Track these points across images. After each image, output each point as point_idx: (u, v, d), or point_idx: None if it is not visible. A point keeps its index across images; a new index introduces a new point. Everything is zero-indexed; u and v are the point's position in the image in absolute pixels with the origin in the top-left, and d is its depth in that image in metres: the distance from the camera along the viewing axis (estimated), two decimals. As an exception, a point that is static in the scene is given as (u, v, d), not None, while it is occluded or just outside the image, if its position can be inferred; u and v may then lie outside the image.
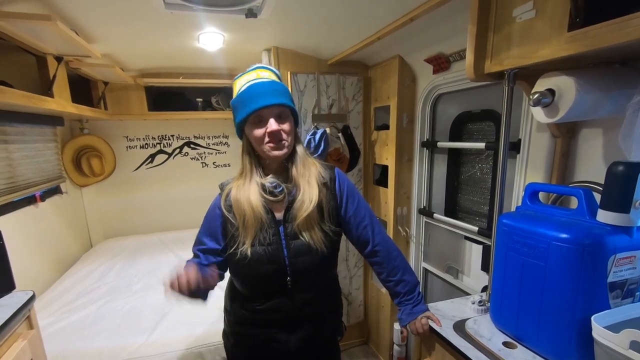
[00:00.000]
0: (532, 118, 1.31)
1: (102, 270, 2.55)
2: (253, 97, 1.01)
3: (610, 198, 0.85)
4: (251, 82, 1.05)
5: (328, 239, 1.12)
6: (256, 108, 1.00)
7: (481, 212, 1.83)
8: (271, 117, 1.02)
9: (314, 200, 1.07)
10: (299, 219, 1.07)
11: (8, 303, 1.12)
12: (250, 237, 1.07)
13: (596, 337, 0.80)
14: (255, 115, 1.02)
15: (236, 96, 1.07)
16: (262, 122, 1.03)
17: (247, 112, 1.01)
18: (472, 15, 1.08)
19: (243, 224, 1.07)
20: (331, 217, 1.14)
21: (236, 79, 1.10)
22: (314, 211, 1.08)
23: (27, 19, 1.36)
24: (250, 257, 1.06)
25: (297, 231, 1.08)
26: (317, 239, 1.08)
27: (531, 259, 0.95)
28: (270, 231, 1.08)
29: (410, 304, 1.20)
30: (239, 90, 1.06)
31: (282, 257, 1.08)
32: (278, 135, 1.03)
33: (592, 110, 0.96)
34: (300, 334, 1.16)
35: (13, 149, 2.11)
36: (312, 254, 1.08)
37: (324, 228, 1.11)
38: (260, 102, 1.00)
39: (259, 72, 1.08)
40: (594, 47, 0.78)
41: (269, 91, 1.02)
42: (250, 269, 1.08)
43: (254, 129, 1.04)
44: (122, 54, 2.32)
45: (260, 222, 1.07)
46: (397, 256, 1.23)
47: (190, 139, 3.56)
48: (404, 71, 2.02)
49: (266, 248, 1.07)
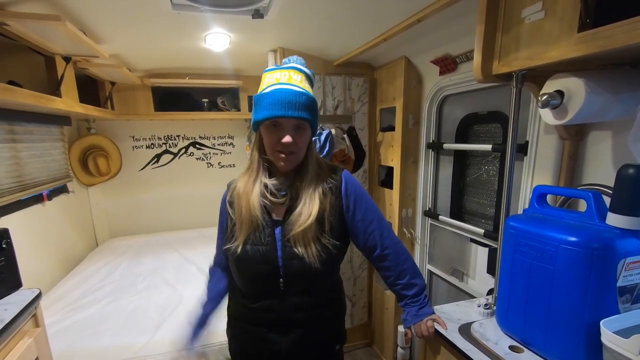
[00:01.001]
0: (540, 120, 1.30)
1: (107, 269, 2.56)
2: (277, 103, 0.98)
3: (621, 201, 0.84)
4: (280, 85, 1.00)
5: (327, 252, 1.07)
6: (275, 115, 0.98)
7: (487, 214, 1.82)
8: (289, 127, 1.01)
9: (312, 215, 1.04)
10: (295, 231, 1.04)
11: (15, 301, 1.13)
12: (243, 235, 1.07)
13: (605, 343, 0.79)
14: (273, 121, 1.00)
15: (261, 93, 1.03)
16: (277, 128, 1.01)
17: (265, 116, 0.99)
18: (480, 15, 1.07)
19: (239, 220, 1.08)
20: (333, 229, 1.09)
21: (267, 70, 1.06)
22: (311, 226, 1.04)
23: (36, 19, 1.37)
24: (238, 254, 1.06)
25: (292, 243, 1.05)
26: (312, 254, 1.05)
27: (539, 262, 0.94)
28: (266, 231, 1.07)
29: (416, 306, 1.19)
30: (266, 87, 1.03)
31: (275, 258, 1.06)
32: (290, 147, 1.02)
33: (602, 112, 0.95)
34: (292, 337, 1.13)
35: (21, 148, 2.13)
36: (303, 262, 1.05)
37: (323, 241, 1.07)
38: (282, 111, 0.98)
39: (292, 74, 1.03)
40: (605, 48, 0.77)
41: (294, 103, 0.98)
42: (242, 266, 1.10)
43: (269, 132, 1.02)
44: (129, 55, 2.34)
45: (254, 222, 1.06)
46: (406, 259, 1.19)
47: (195, 139, 3.57)
48: (410, 72, 2.01)
49: (260, 248, 1.06)
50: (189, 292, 2.15)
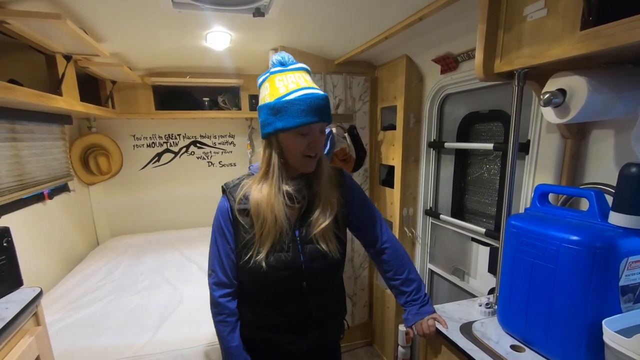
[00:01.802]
0: (542, 119, 1.30)
1: (108, 268, 2.56)
2: (310, 110, 0.96)
3: (623, 200, 0.84)
4: (306, 91, 0.97)
5: (342, 244, 1.13)
6: (309, 122, 0.96)
7: (488, 213, 1.81)
8: (317, 130, 1.01)
9: (332, 212, 1.08)
10: (317, 230, 1.06)
11: (16, 299, 1.12)
12: (267, 246, 1.03)
13: (607, 342, 0.79)
14: (306, 127, 0.98)
15: (283, 99, 0.97)
16: (308, 133, 1.00)
17: (299, 123, 0.96)
18: (482, 13, 1.07)
19: (261, 232, 1.03)
20: (342, 223, 1.15)
21: (274, 73, 1.01)
22: (330, 223, 1.08)
23: (37, 17, 1.37)
24: (264, 268, 1.03)
25: (315, 241, 1.07)
26: (333, 248, 1.09)
27: (541, 262, 0.94)
28: (288, 237, 1.06)
29: (417, 305, 1.19)
30: (289, 92, 0.97)
31: (299, 262, 1.07)
32: (319, 150, 1.04)
33: (604, 111, 0.95)
34: (311, 336, 1.15)
35: (22, 147, 2.13)
36: (327, 258, 1.08)
37: (339, 235, 1.12)
38: (317, 117, 0.97)
39: (304, 75, 1.02)
40: (608, 46, 0.76)
41: (322, 107, 0.98)
42: (265, 276, 1.05)
43: (298, 138, 0.99)
44: (130, 53, 2.33)
45: (279, 232, 1.04)
46: (403, 254, 1.24)
47: (196, 138, 3.57)
48: (412, 71, 2.01)
49: (284, 255, 1.05)
50: (190, 291, 2.15)
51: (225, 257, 1.10)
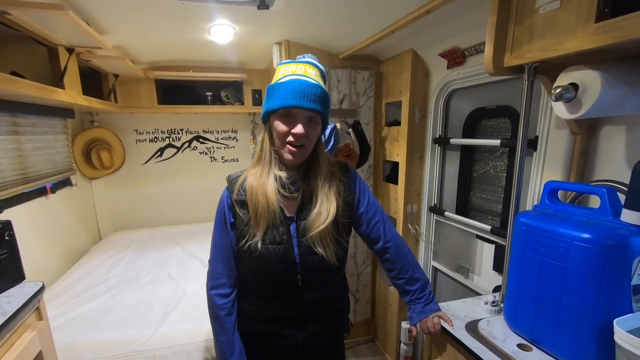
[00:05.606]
0: (551, 114, 1.27)
1: (110, 262, 2.56)
2: (291, 92, 0.96)
3: (636, 197, 0.82)
4: (296, 76, 0.99)
5: (342, 249, 1.11)
6: (290, 105, 0.96)
7: (494, 210, 1.79)
8: (302, 118, 0.99)
9: (330, 215, 1.04)
10: (313, 232, 1.04)
11: (18, 294, 1.12)
12: (261, 230, 1.03)
13: (618, 342, 0.77)
14: (286, 111, 0.98)
15: (275, 83, 1.01)
16: (289, 118, 0.99)
17: (279, 105, 0.97)
18: (492, 5, 1.04)
19: (255, 215, 1.03)
20: (345, 225, 1.12)
21: (282, 64, 1.04)
22: (329, 226, 1.05)
23: (39, 8, 1.35)
24: (260, 251, 1.03)
25: (311, 244, 1.05)
26: (330, 253, 1.06)
27: (550, 260, 0.92)
28: (282, 229, 1.05)
29: (421, 302, 1.18)
30: (281, 78, 1.01)
31: (292, 255, 1.06)
32: (301, 139, 1.00)
33: (617, 106, 0.92)
34: (308, 331, 1.14)
35: (24, 140, 2.12)
36: (323, 261, 1.06)
37: (338, 239, 1.09)
38: (296, 101, 0.96)
39: (308, 68, 1.02)
40: (625, 38, 0.74)
41: (309, 94, 0.97)
42: (260, 266, 1.06)
43: (280, 122, 1.00)
44: (132, 46, 2.32)
45: (272, 218, 1.03)
46: (407, 253, 1.22)
47: (199, 133, 3.56)
48: (417, 66, 1.98)
49: (277, 247, 1.04)
50: (192, 286, 2.15)
51: (223, 248, 1.12)
